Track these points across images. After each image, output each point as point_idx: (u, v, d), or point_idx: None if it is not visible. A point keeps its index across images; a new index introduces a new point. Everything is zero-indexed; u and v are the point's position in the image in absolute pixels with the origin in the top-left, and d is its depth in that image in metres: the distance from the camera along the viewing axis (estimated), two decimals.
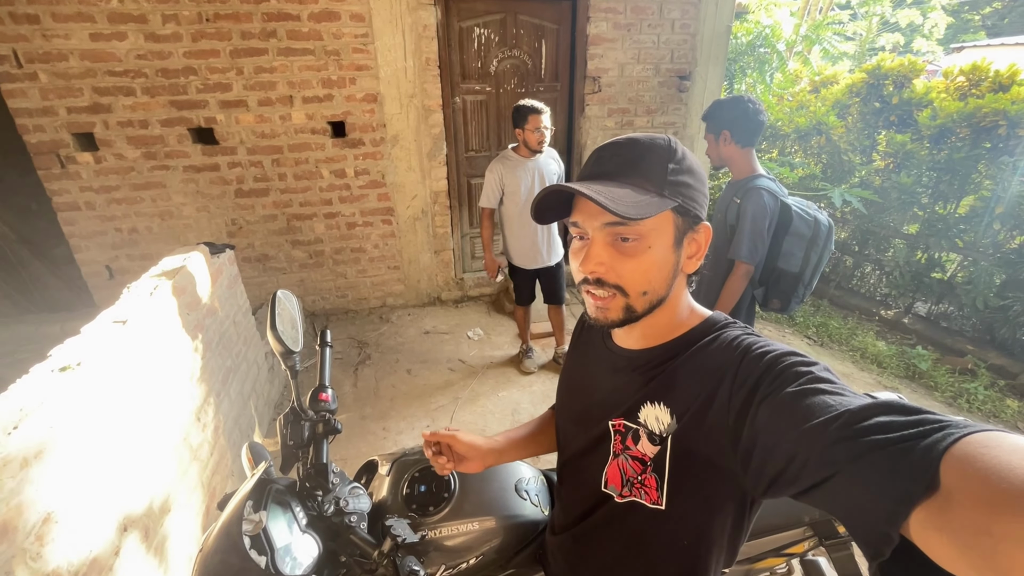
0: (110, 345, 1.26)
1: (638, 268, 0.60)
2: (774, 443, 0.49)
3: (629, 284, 0.60)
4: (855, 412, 0.42)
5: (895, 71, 3.63)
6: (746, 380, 0.54)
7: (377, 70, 3.07)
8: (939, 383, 2.89)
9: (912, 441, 0.37)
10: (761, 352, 0.56)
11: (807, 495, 0.45)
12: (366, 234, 3.50)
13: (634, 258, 0.59)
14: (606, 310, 0.62)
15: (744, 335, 0.61)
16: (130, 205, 3.03)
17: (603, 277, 0.60)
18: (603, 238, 0.60)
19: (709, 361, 0.60)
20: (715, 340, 0.62)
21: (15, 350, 3.00)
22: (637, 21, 3.37)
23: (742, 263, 1.70)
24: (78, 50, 2.66)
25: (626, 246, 0.59)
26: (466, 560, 0.91)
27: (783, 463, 0.47)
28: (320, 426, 0.91)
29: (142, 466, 1.31)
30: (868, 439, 0.39)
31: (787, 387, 0.50)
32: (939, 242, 3.27)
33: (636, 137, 0.62)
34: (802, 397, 0.48)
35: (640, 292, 0.61)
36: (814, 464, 0.43)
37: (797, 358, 0.53)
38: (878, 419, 0.40)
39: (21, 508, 0.89)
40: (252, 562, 0.73)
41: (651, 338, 0.66)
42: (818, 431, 0.44)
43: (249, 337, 2.37)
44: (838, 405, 0.45)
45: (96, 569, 1.07)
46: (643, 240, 0.59)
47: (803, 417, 0.46)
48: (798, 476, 0.45)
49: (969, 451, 0.34)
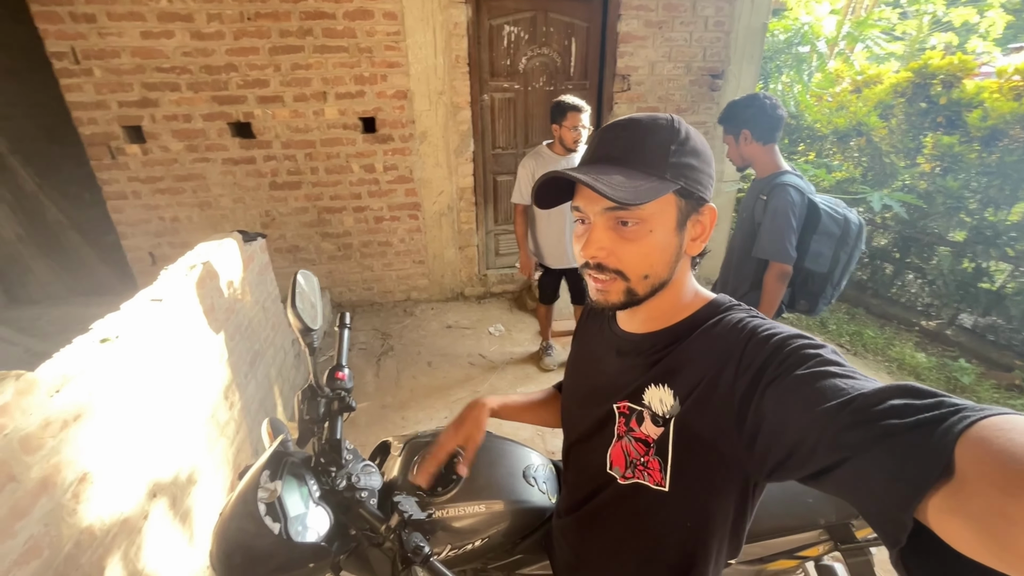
0: (147, 321, 1.33)
1: (639, 252, 0.60)
2: (782, 426, 0.48)
3: (629, 268, 0.60)
4: (868, 396, 0.42)
5: (944, 70, 3.45)
6: (752, 362, 0.54)
7: (408, 67, 3.13)
8: (982, 398, 2.73)
9: (927, 425, 0.36)
10: (767, 334, 0.55)
11: (816, 480, 0.44)
12: (393, 228, 3.57)
13: (635, 242, 0.59)
14: (607, 293, 0.62)
15: (749, 317, 0.60)
16: (173, 195, 3.19)
17: (604, 262, 0.61)
18: (604, 222, 0.60)
19: (714, 343, 0.59)
20: (720, 322, 0.61)
21: (63, 329, 3.17)
22: (669, 18, 3.32)
23: (776, 264, 1.65)
24: (130, 47, 2.82)
25: (627, 230, 0.59)
26: (472, 542, 0.92)
27: (791, 446, 0.46)
28: (335, 403, 0.94)
29: (172, 438, 1.38)
30: (882, 423, 0.39)
31: (795, 370, 0.49)
32: (988, 250, 3.09)
33: (638, 118, 0.61)
34: (812, 380, 0.47)
35: (641, 276, 0.61)
36: (825, 448, 0.42)
37: (804, 340, 0.52)
38: (892, 403, 0.39)
39: (60, 466, 0.96)
40: (266, 528, 0.77)
41: (656, 321, 0.66)
42: (830, 415, 0.43)
43: (277, 323, 2.45)
44: (850, 389, 0.44)
45: (126, 530, 1.13)
46: (644, 224, 0.59)
47: (814, 401, 0.45)
48: (807, 460, 0.44)
49: (984, 434, 0.33)
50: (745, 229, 1.79)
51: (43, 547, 0.90)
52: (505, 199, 3.77)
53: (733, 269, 1.88)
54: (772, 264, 1.66)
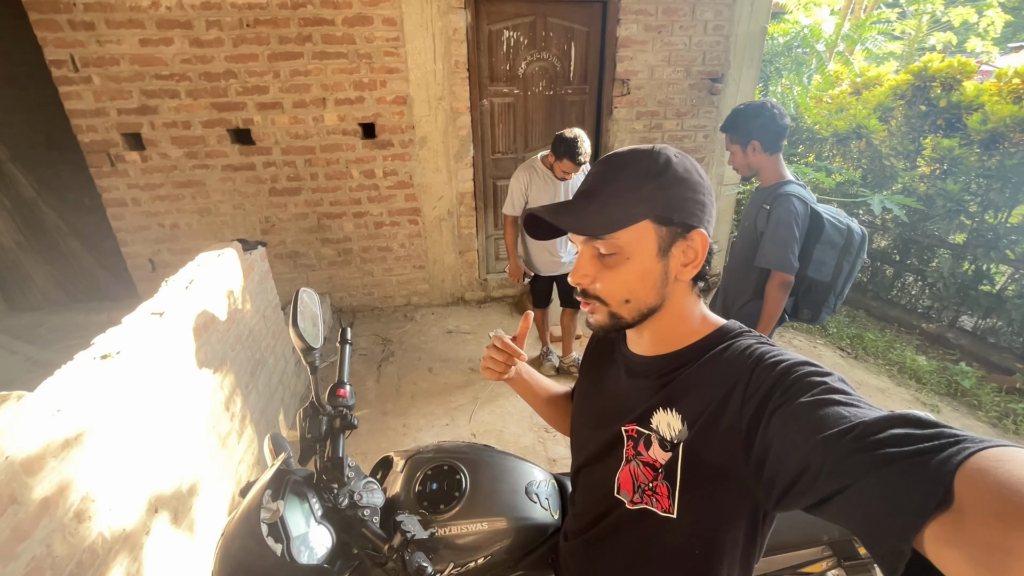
0: (148, 335, 1.33)
1: (616, 279, 0.63)
2: (787, 453, 0.48)
3: (608, 294, 0.64)
4: (870, 424, 0.42)
5: (943, 72, 3.45)
6: (759, 389, 0.54)
7: (407, 73, 3.13)
8: (983, 402, 2.73)
9: (927, 455, 0.36)
10: (774, 361, 0.55)
11: (819, 508, 0.44)
12: (393, 233, 3.57)
13: (613, 270, 0.62)
14: (593, 316, 0.66)
15: (757, 344, 0.60)
16: (172, 202, 3.19)
17: (587, 288, 0.65)
18: (587, 252, 0.64)
19: (722, 369, 0.60)
20: (728, 348, 0.62)
21: (64, 336, 3.19)
22: (668, 23, 3.32)
23: (778, 273, 1.65)
24: (128, 54, 2.82)
25: (607, 259, 0.63)
26: (475, 559, 0.92)
27: (795, 474, 0.46)
28: (337, 421, 0.94)
29: (173, 452, 1.38)
30: (882, 452, 0.39)
31: (800, 397, 0.49)
32: (988, 253, 3.09)
33: (621, 152, 0.64)
34: (816, 407, 0.47)
35: (621, 300, 0.63)
36: (827, 476, 0.43)
37: (811, 368, 0.53)
38: (893, 432, 0.40)
39: (62, 486, 0.96)
40: (269, 549, 0.76)
41: (663, 344, 0.67)
42: (832, 442, 0.43)
43: (277, 332, 2.45)
44: (852, 417, 0.44)
45: (128, 546, 1.13)
46: (620, 253, 0.61)
47: (816, 428, 0.45)
48: (810, 487, 0.44)
49: (983, 465, 0.33)
50: (747, 238, 1.79)
51: (45, 568, 0.90)
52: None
53: (735, 278, 1.88)
54: (774, 273, 1.66)
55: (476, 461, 0.98)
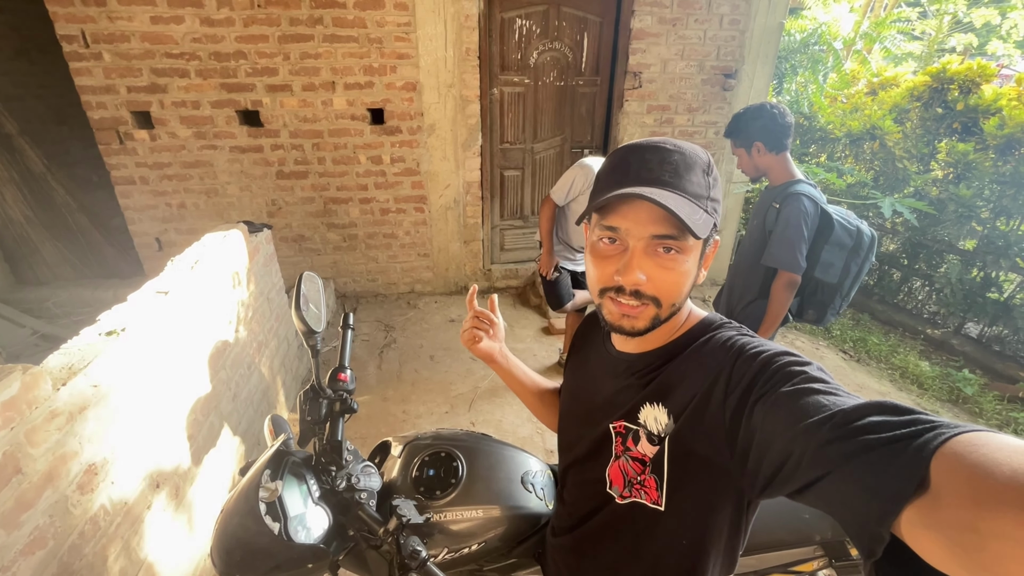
0: (153, 313, 1.34)
1: (673, 281, 0.60)
2: (769, 442, 0.49)
3: (664, 296, 0.60)
4: (848, 412, 0.43)
5: (962, 75, 3.39)
6: (740, 380, 0.55)
7: (418, 59, 3.11)
8: (985, 409, 2.72)
9: (904, 441, 0.37)
10: (755, 352, 0.56)
11: (801, 495, 0.46)
12: (398, 220, 3.57)
13: (671, 271, 0.59)
14: (635, 319, 0.61)
15: (738, 335, 0.61)
16: (180, 182, 3.19)
17: (643, 288, 0.59)
18: (646, 248, 0.58)
19: (704, 362, 0.61)
20: (710, 340, 0.63)
21: (72, 311, 3.23)
22: (684, 16, 3.27)
23: (785, 272, 1.64)
24: (139, 32, 2.81)
25: (666, 258, 0.58)
26: (468, 546, 0.93)
27: (778, 462, 0.47)
28: (337, 404, 0.94)
29: (176, 429, 1.40)
30: (861, 439, 0.40)
31: (781, 387, 0.50)
32: (998, 260, 3.06)
33: (680, 146, 0.60)
34: (796, 397, 0.48)
35: (671, 304, 0.61)
36: (807, 463, 0.44)
37: (791, 358, 0.54)
38: (871, 419, 0.41)
39: (65, 458, 0.97)
40: (266, 527, 0.78)
41: (650, 341, 0.67)
42: (812, 430, 0.44)
43: (281, 314, 2.47)
44: (831, 405, 0.45)
45: (129, 520, 1.15)
46: (684, 254, 0.59)
47: (797, 417, 0.46)
48: (793, 475, 0.46)
49: (958, 450, 0.34)
50: (755, 236, 1.78)
51: (48, 538, 0.92)
52: (512, 194, 3.76)
53: (741, 276, 1.87)
54: (781, 273, 1.65)
55: (473, 449, 0.99)
